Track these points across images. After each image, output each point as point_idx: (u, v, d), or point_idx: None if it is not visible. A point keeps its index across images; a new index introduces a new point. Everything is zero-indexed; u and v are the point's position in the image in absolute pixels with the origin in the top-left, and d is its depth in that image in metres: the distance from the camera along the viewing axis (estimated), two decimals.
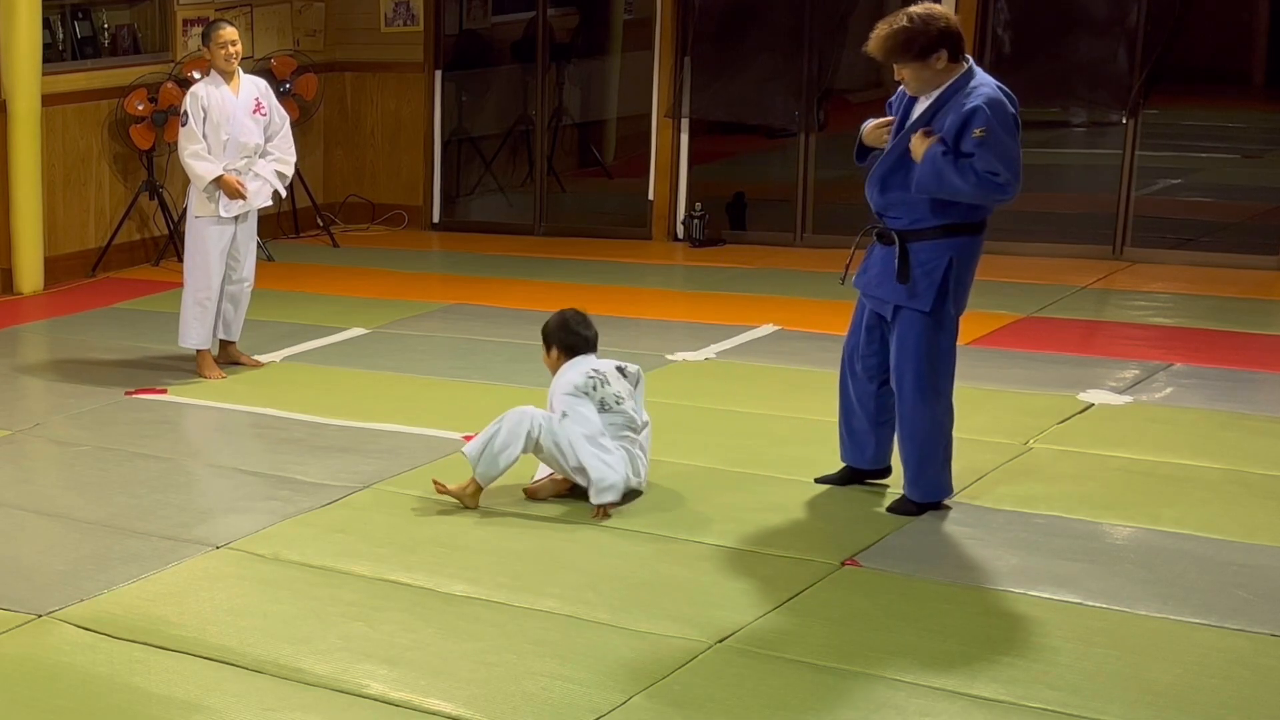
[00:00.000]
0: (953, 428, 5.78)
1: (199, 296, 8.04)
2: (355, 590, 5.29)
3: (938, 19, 5.46)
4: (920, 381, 5.65)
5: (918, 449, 5.73)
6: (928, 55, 5.45)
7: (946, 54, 5.45)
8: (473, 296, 9.69)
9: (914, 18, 5.45)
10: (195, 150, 7.90)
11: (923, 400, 5.66)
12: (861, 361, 5.89)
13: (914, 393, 5.67)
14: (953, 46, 5.47)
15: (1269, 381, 7.40)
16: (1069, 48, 10.41)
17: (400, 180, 12.32)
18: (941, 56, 5.45)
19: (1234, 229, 11.19)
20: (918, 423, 5.69)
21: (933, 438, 5.72)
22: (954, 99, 5.48)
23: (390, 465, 6.54)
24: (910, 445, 5.74)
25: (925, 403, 5.67)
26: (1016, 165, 5.43)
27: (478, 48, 12.99)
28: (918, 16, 5.45)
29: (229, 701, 4.53)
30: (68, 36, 10.83)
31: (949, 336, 5.68)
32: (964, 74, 5.52)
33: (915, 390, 5.66)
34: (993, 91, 5.46)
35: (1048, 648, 4.70)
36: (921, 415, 5.68)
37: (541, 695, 4.48)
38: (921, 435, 5.71)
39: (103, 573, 5.50)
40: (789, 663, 4.65)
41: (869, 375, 5.89)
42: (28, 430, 7.28)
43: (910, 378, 5.66)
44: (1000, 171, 5.39)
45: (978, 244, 5.65)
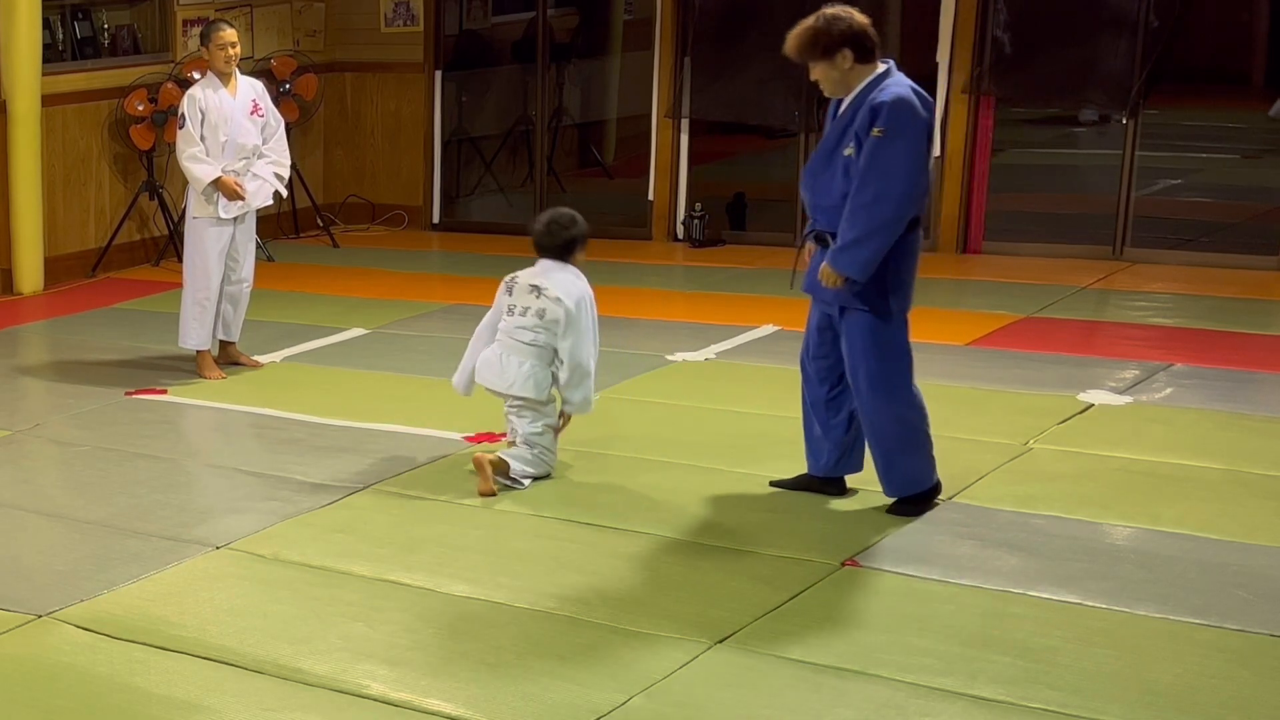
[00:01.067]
0: (924, 419, 5.78)
1: (198, 297, 8.04)
2: (355, 590, 5.29)
3: (843, 19, 5.57)
4: (873, 380, 5.69)
5: (882, 446, 5.77)
6: (832, 54, 5.54)
7: (852, 54, 5.54)
8: (473, 296, 9.68)
9: (820, 18, 5.58)
10: (193, 153, 7.90)
11: (877, 397, 5.70)
12: (814, 364, 5.95)
13: (869, 391, 5.71)
14: (858, 47, 5.55)
15: (1269, 381, 7.40)
16: (1069, 48, 10.41)
17: (400, 180, 12.32)
18: (846, 56, 5.54)
19: (1234, 229, 11.20)
20: (878, 421, 5.73)
21: (897, 433, 5.74)
22: (867, 98, 5.56)
23: (390, 465, 6.54)
24: (875, 443, 5.79)
25: (881, 399, 5.70)
26: (907, 172, 5.47)
27: (478, 48, 12.99)
28: (824, 17, 5.57)
29: (229, 701, 4.53)
30: (68, 36, 10.84)
31: (898, 331, 5.70)
32: (879, 75, 5.60)
33: (870, 389, 5.70)
34: (903, 91, 5.53)
35: (1048, 648, 4.70)
36: (880, 413, 5.71)
37: (541, 695, 4.48)
38: (884, 433, 5.74)
39: (103, 573, 5.50)
40: (789, 663, 4.65)
41: (820, 378, 5.92)
42: (28, 430, 7.28)
43: (864, 376, 5.70)
44: (883, 192, 5.44)
45: (911, 241, 5.66)
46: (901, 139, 5.45)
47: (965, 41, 10.34)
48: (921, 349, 8.06)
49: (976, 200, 10.50)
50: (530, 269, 6.36)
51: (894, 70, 5.63)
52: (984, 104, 10.42)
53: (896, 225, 5.50)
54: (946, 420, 6.87)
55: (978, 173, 10.47)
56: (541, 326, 6.21)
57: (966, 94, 10.35)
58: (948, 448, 6.50)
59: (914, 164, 5.47)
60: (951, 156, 10.45)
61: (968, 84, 10.34)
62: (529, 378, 6.22)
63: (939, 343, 8.25)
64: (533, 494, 6.16)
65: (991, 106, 10.45)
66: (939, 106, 10.38)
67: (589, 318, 6.24)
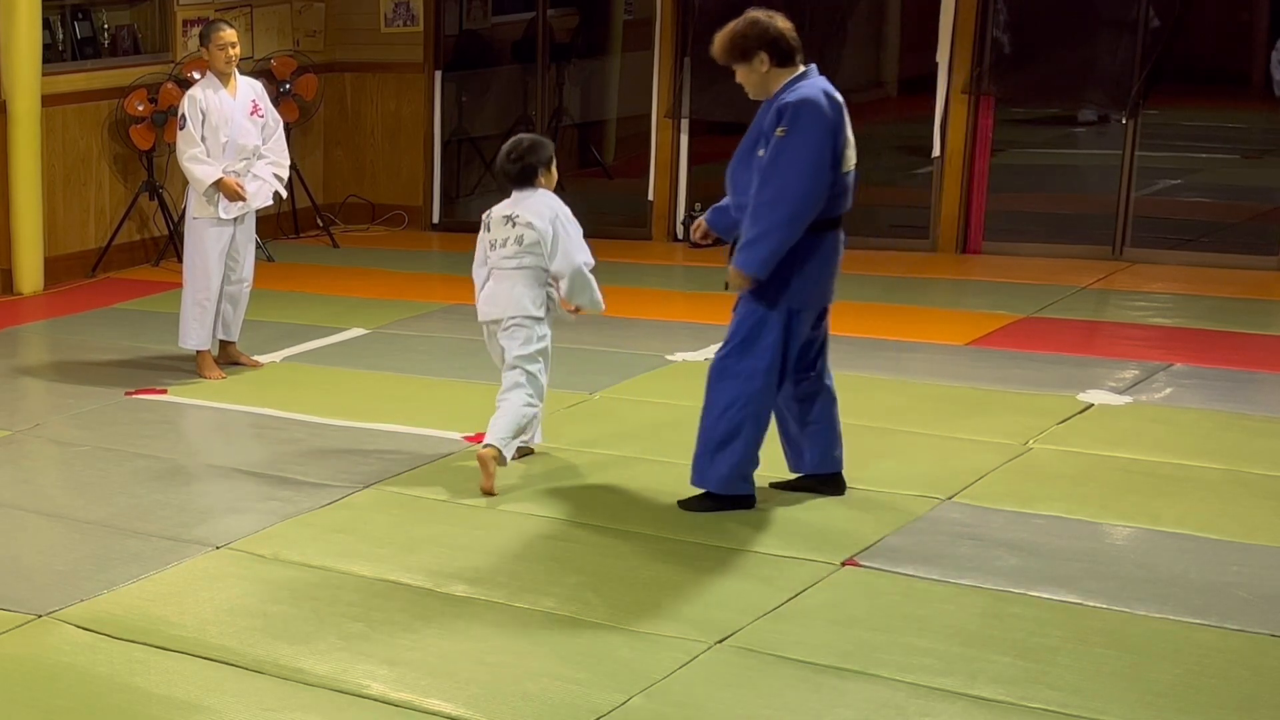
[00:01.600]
0: (757, 427, 5.79)
1: (198, 297, 8.04)
2: (355, 590, 5.29)
3: (760, 24, 5.67)
4: (721, 363, 5.79)
5: (703, 434, 5.84)
6: (749, 57, 5.65)
7: (768, 57, 5.63)
8: (472, 297, 9.66)
9: (739, 22, 5.69)
10: (194, 154, 7.90)
11: (716, 382, 5.80)
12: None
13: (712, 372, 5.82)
14: (774, 50, 5.64)
15: (1269, 381, 7.40)
16: (1069, 48, 10.41)
17: (400, 180, 12.32)
18: (763, 59, 5.64)
19: (1234, 229, 11.19)
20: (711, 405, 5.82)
21: (717, 425, 5.79)
22: (779, 99, 5.64)
23: (390, 465, 6.54)
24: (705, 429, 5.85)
25: (721, 386, 5.78)
26: (805, 171, 5.53)
27: (478, 48, 12.99)
28: (743, 21, 5.68)
29: (229, 701, 4.53)
30: (68, 37, 10.84)
31: (774, 331, 5.72)
32: (796, 77, 5.68)
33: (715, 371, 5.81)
34: (811, 92, 5.59)
35: (1048, 648, 4.70)
36: (715, 397, 5.81)
37: (541, 695, 4.48)
38: (711, 418, 5.81)
39: (103, 573, 5.50)
40: (789, 663, 4.66)
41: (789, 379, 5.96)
42: (28, 430, 7.28)
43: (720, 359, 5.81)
44: (782, 191, 5.51)
45: (822, 241, 5.69)
46: (802, 138, 5.53)
47: (965, 41, 10.34)
48: (922, 349, 8.14)
49: (976, 200, 10.50)
50: (502, 202, 6.48)
51: (813, 73, 5.72)
52: (984, 104, 10.42)
53: (795, 224, 5.57)
54: (946, 420, 6.88)
55: (978, 173, 10.47)
56: (523, 251, 6.33)
57: (966, 94, 10.35)
58: (948, 448, 6.52)
59: (814, 163, 5.54)
60: (951, 156, 10.45)
61: (968, 84, 10.34)
62: (520, 298, 6.34)
63: (939, 343, 8.26)
64: (533, 494, 6.16)
65: (991, 106, 10.45)
66: (939, 106, 10.40)
67: (567, 230, 6.33)
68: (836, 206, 5.68)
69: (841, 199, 5.69)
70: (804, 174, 5.53)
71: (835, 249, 5.76)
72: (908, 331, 8.48)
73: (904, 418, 6.93)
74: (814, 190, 5.55)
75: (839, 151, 5.60)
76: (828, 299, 5.84)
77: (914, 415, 6.96)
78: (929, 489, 6.03)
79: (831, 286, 5.82)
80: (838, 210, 5.70)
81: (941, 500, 5.93)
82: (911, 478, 6.15)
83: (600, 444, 6.70)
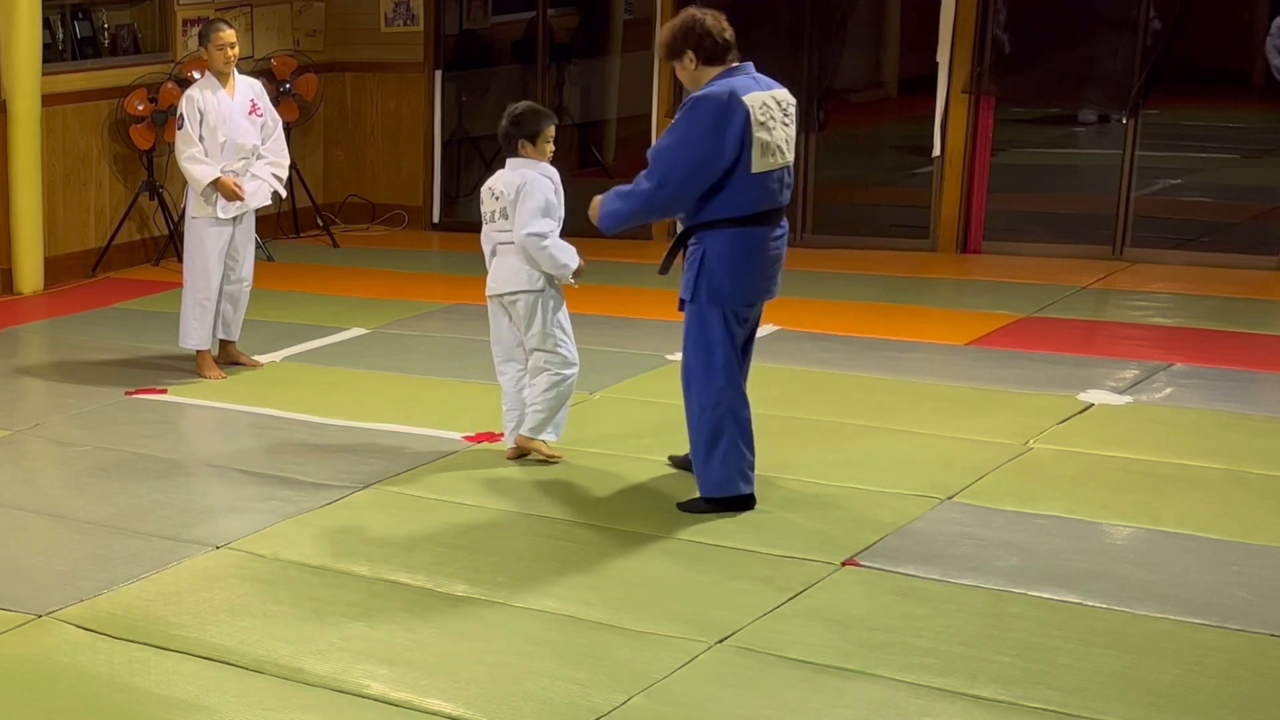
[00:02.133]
0: (735, 423, 5.83)
1: (198, 297, 8.04)
2: (355, 590, 5.29)
3: (689, 23, 5.81)
4: (685, 370, 5.89)
5: (692, 439, 5.91)
6: (679, 56, 5.82)
7: (694, 55, 5.78)
8: (473, 296, 9.64)
9: (673, 22, 5.88)
10: (192, 153, 7.89)
11: (686, 388, 5.89)
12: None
13: (682, 381, 5.91)
14: (700, 49, 5.78)
15: (1269, 381, 7.40)
16: (1069, 48, 10.41)
17: (400, 180, 12.32)
18: (691, 58, 5.79)
19: (1234, 229, 11.19)
20: (689, 412, 5.91)
21: (699, 429, 5.87)
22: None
23: (390, 465, 6.54)
24: (690, 435, 5.92)
25: (686, 391, 5.89)
26: (670, 160, 5.69)
27: (478, 48, 12.99)
28: (676, 22, 5.86)
29: (229, 701, 4.53)
30: (68, 36, 10.83)
31: (716, 327, 5.80)
32: (724, 72, 5.79)
33: (683, 379, 5.91)
34: (715, 89, 5.71)
35: (1048, 648, 4.70)
36: (689, 404, 5.90)
37: (541, 695, 4.48)
38: (692, 425, 5.89)
39: (103, 573, 5.50)
40: (789, 663, 4.66)
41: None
42: (28, 430, 7.28)
43: (682, 366, 5.92)
44: (650, 172, 5.71)
45: (744, 236, 5.76)
46: (683, 130, 5.70)
47: (965, 41, 10.34)
48: (921, 349, 8.13)
49: (976, 200, 10.50)
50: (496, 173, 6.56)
51: (741, 70, 5.81)
52: (984, 104, 10.42)
53: (647, 205, 5.77)
54: (946, 420, 6.88)
55: (978, 173, 10.47)
56: (509, 224, 6.38)
57: (966, 94, 10.35)
58: (948, 448, 6.52)
59: (681, 154, 5.67)
60: (951, 156, 10.45)
61: (968, 84, 10.33)
62: (517, 271, 6.39)
63: (939, 343, 8.26)
64: (532, 494, 6.17)
65: (991, 106, 10.45)
66: (939, 106, 10.40)
67: (524, 202, 6.32)
68: (750, 204, 5.73)
69: (758, 197, 5.73)
70: (667, 162, 5.70)
71: (761, 246, 5.80)
72: (908, 331, 8.48)
73: (904, 418, 6.93)
74: (671, 176, 5.69)
75: (728, 151, 5.64)
76: (761, 295, 5.90)
77: (914, 415, 6.96)
78: (929, 489, 6.03)
79: (764, 284, 5.87)
80: (754, 208, 5.75)
81: (941, 500, 5.93)
82: (911, 478, 6.16)
83: (600, 444, 6.70)
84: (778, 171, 5.75)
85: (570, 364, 6.43)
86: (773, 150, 5.69)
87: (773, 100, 5.74)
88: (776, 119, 5.73)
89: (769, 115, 5.69)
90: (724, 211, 5.73)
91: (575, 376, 6.46)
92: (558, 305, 6.44)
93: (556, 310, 6.43)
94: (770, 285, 5.89)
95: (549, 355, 6.42)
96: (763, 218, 5.77)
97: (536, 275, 6.39)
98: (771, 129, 5.70)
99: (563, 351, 6.43)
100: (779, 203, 5.80)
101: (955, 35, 10.36)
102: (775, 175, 5.74)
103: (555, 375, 6.40)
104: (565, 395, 6.44)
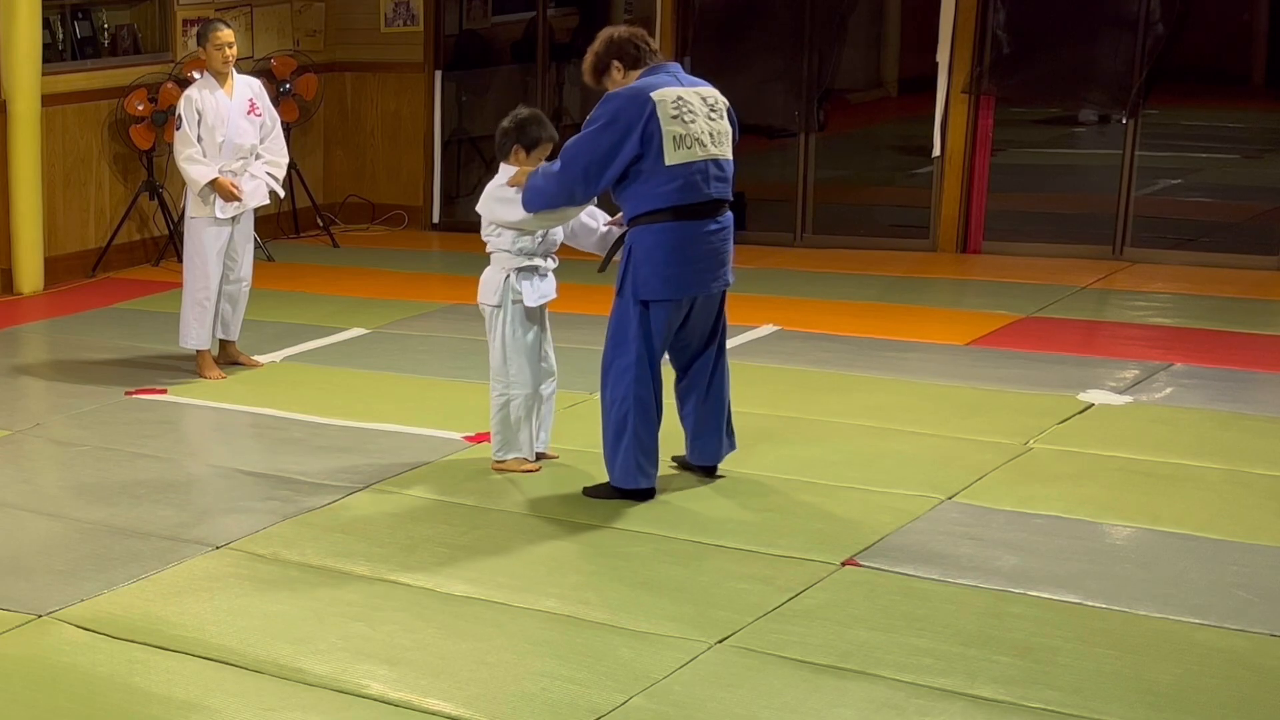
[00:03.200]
0: (641, 418, 5.90)
1: (197, 297, 8.04)
2: (355, 590, 5.29)
3: (607, 36, 5.97)
4: (603, 360, 5.99)
5: (603, 427, 6.02)
6: (606, 70, 5.97)
7: (620, 64, 5.92)
8: (473, 297, 9.63)
9: (591, 46, 6.00)
10: (190, 154, 7.89)
11: (602, 378, 5.99)
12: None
13: (601, 372, 6.01)
14: (623, 57, 5.92)
15: (1269, 381, 7.40)
16: (1069, 48, 10.41)
17: (400, 180, 12.32)
18: (618, 67, 5.94)
19: (1234, 229, 11.20)
20: (601, 400, 6.03)
21: (606, 420, 5.97)
22: None
23: (390, 465, 6.54)
24: (602, 423, 6.03)
25: (602, 380, 5.99)
26: (573, 154, 5.83)
27: (478, 48, 12.99)
28: (595, 43, 5.98)
29: (229, 701, 4.53)
30: (68, 36, 10.83)
31: (633, 321, 5.88)
32: (645, 72, 5.90)
33: (602, 370, 6.00)
34: (630, 88, 5.81)
35: (1048, 648, 4.70)
36: (602, 395, 6.02)
37: (541, 695, 4.48)
38: (603, 415, 6.00)
39: (103, 573, 5.50)
40: (789, 663, 4.66)
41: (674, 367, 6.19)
42: (28, 430, 7.28)
43: (602, 356, 6.01)
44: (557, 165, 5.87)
45: (669, 230, 5.83)
46: (587, 126, 5.85)
47: (965, 41, 10.34)
48: (921, 349, 8.13)
49: (976, 200, 10.50)
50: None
51: (661, 70, 5.89)
52: (984, 104, 10.42)
53: (557, 188, 5.88)
54: (946, 420, 6.88)
55: (978, 173, 10.47)
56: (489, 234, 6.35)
57: (966, 94, 10.35)
58: (948, 448, 6.52)
59: (582, 145, 5.81)
60: (951, 156, 10.45)
61: (968, 84, 10.34)
62: (484, 282, 6.41)
63: (939, 343, 8.26)
64: (533, 494, 6.16)
65: (991, 106, 10.45)
66: (939, 106, 10.40)
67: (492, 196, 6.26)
68: (668, 196, 5.79)
69: (677, 189, 5.79)
70: (576, 155, 5.84)
71: (688, 239, 5.86)
72: (908, 331, 8.48)
73: (904, 418, 6.93)
74: (581, 169, 5.80)
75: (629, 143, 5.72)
76: (691, 289, 5.91)
77: (914, 415, 6.96)
78: (929, 489, 6.03)
79: (693, 278, 5.90)
80: (675, 200, 5.81)
81: (941, 500, 5.93)
82: (911, 478, 6.16)
83: (600, 444, 6.69)
84: (700, 163, 5.82)
85: (516, 384, 6.32)
86: (689, 143, 5.78)
87: (693, 95, 5.86)
88: (697, 112, 5.82)
89: (683, 108, 5.79)
90: (645, 204, 5.83)
91: (522, 399, 6.32)
92: (516, 323, 6.31)
93: (515, 327, 6.31)
94: (705, 279, 5.93)
95: (496, 371, 6.35)
96: (689, 211, 5.84)
97: (495, 289, 6.32)
98: (688, 122, 5.79)
99: (510, 371, 6.33)
100: (706, 195, 5.87)
101: (955, 35, 10.36)
102: (697, 167, 5.82)
103: (500, 395, 6.35)
104: (515, 414, 6.34)
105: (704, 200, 5.87)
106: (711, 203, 5.90)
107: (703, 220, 5.88)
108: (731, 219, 6.04)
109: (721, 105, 5.96)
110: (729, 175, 5.97)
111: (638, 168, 5.79)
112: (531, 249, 6.28)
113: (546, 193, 5.94)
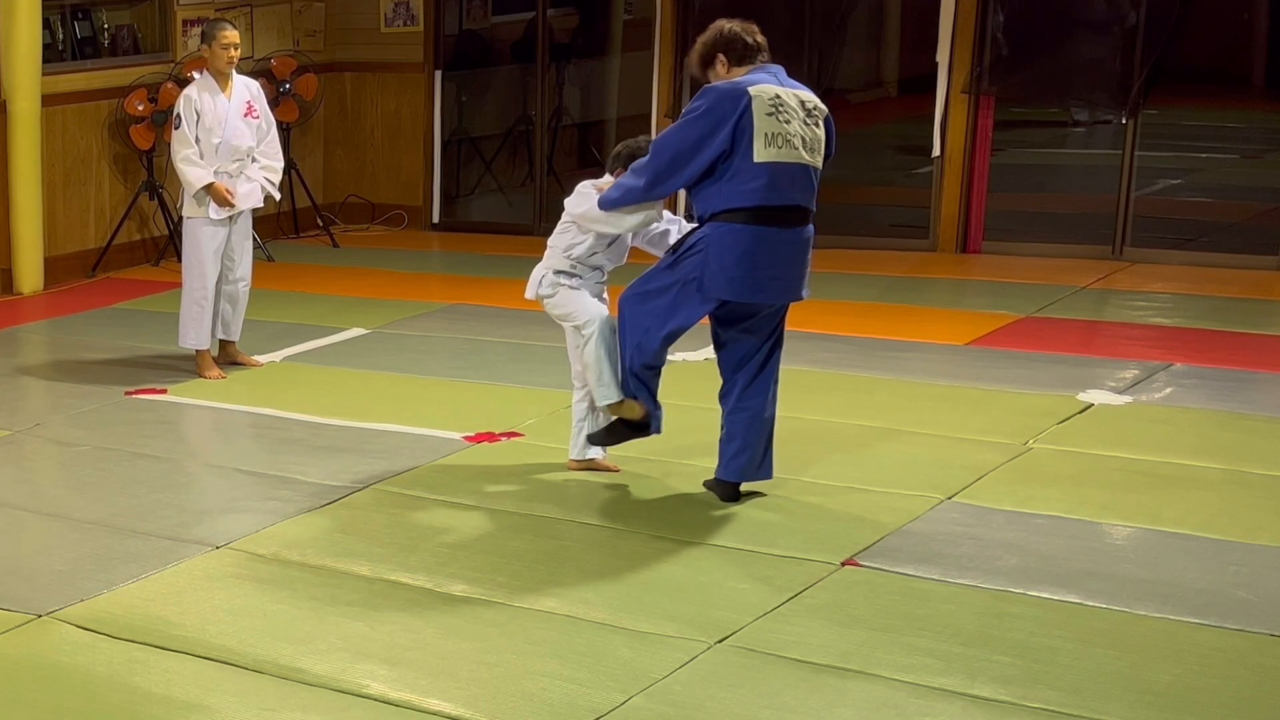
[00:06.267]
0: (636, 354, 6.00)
1: (196, 296, 8.03)
2: (355, 590, 5.29)
3: (717, 30, 5.93)
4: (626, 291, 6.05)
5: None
6: (711, 63, 5.91)
7: (725, 58, 5.88)
8: (473, 296, 9.69)
9: (701, 37, 6.00)
10: (187, 155, 7.88)
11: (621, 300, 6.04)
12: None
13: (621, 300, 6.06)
14: (730, 51, 5.88)
15: (1269, 381, 7.40)
16: (1069, 48, 10.41)
17: (400, 180, 12.32)
18: (723, 61, 5.88)
19: (1234, 229, 11.19)
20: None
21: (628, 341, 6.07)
22: None
23: (390, 465, 6.54)
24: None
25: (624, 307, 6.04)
26: (662, 144, 5.80)
27: (478, 48, 12.99)
28: (704, 34, 5.98)
29: (229, 701, 4.53)
30: (68, 36, 10.83)
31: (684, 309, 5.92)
32: (748, 72, 5.84)
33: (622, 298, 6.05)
34: (722, 84, 5.78)
35: (1048, 648, 4.70)
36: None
37: (541, 695, 4.49)
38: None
39: (103, 573, 5.50)
40: (789, 663, 4.66)
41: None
42: (28, 430, 7.28)
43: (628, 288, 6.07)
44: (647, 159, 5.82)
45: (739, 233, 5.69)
46: (681, 119, 5.82)
47: (965, 41, 10.34)
48: (921, 349, 8.14)
49: (976, 200, 10.50)
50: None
51: (763, 70, 5.83)
52: (984, 104, 10.42)
53: (636, 189, 5.83)
54: (946, 420, 6.88)
55: (978, 173, 10.47)
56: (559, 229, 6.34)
57: (966, 94, 10.35)
58: (948, 448, 6.52)
59: (672, 136, 5.78)
60: (951, 156, 10.45)
61: (968, 84, 10.34)
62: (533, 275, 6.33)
63: (939, 343, 8.26)
64: (532, 494, 6.17)
65: (991, 106, 10.45)
66: (939, 106, 10.40)
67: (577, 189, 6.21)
68: (753, 194, 5.65)
69: (763, 188, 5.63)
70: (665, 145, 5.80)
71: (764, 244, 5.69)
72: (908, 331, 8.48)
73: (904, 418, 6.93)
74: (657, 163, 5.76)
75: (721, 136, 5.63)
76: (759, 296, 5.78)
77: (914, 415, 6.96)
78: (929, 489, 6.03)
79: (763, 284, 5.74)
80: (759, 200, 5.65)
81: (941, 500, 5.93)
82: (911, 478, 6.16)
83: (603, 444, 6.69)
84: (790, 166, 5.65)
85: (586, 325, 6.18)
86: (781, 141, 5.62)
87: (792, 97, 5.72)
88: (794, 115, 5.68)
89: (779, 107, 5.65)
90: (726, 202, 5.67)
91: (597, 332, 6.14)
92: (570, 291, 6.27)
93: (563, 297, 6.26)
94: (773, 288, 5.76)
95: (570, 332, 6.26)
96: (769, 215, 5.67)
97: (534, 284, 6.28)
98: (785, 121, 5.64)
99: (575, 319, 6.23)
100: (791, 200, 5.69)
101: (955, 35, 10.36)
102: (786, 169, 5.64)
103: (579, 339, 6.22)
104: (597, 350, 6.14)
105: (786, 205, 5.69)
106: (794, 210, 5.72)
107: (781, 227, 5.70)
108: (813, 231, 5.85)
109: (820, 112, 5.80)
110: (815, 186, 5.79)
111: (726, 165, 5.64)
112: (582, 256, 6.23)
113: (626, 185, 5.87)
